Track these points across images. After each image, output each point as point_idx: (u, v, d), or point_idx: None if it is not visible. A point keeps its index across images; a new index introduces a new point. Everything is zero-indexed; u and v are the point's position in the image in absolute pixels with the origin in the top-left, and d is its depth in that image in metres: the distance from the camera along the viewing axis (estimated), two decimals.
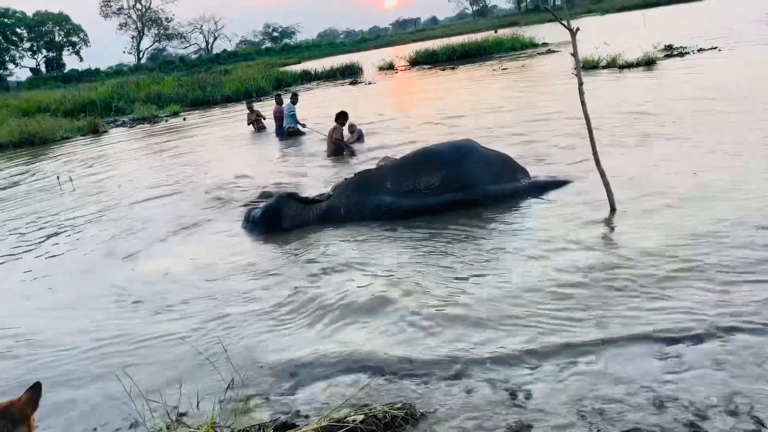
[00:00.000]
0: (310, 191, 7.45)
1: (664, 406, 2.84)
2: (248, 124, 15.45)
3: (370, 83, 25.47)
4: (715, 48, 16.74)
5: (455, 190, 6.10)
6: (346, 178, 7.01)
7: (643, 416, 2.80)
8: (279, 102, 14.22)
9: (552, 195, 6.21)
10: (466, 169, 6.17)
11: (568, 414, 2.89)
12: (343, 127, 10.58)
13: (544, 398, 3.03)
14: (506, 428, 2.85)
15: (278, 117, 13.90)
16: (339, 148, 10.22)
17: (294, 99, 13.83)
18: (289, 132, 13.31)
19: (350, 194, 6.44)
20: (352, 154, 10.06)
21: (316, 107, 17.62)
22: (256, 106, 17.08)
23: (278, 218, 6.41)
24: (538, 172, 6.87)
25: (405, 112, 14.45)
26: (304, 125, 13.36)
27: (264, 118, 15.41)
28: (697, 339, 3.33)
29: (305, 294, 4.73)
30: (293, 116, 13.42)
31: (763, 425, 2.65)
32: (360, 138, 11.20)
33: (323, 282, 4.92)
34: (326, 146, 10.59)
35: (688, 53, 16.83)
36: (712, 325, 3.44)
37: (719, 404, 2.81)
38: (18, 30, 69.86)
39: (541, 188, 6.39)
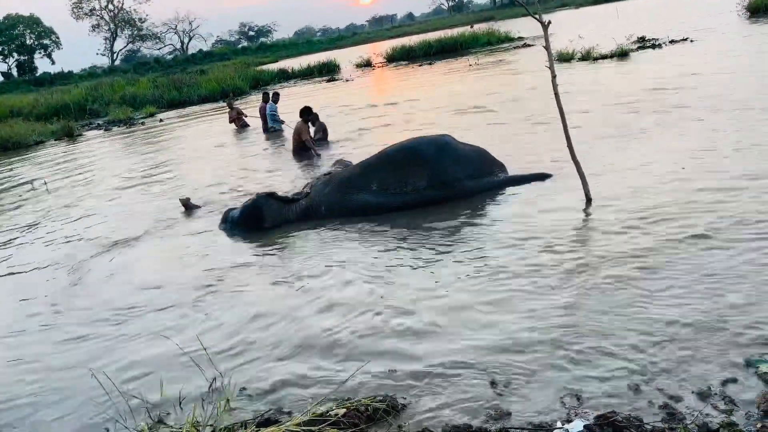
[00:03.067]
0: (276, 190, 7.44)
1: (640, 390, 2.91)
2: (230, 122, 15.33)
3: (347, 80, 25.43)
4: (686, 39, 17.01)
5: (434, 187, 6.14)
6: (318, 177, 7.05)
7: (619, 400, 2.86)
8: (265, 99, 14.08)
9: (528, 188, 6.28)
10: (445, 166, 6.21)
11: (546, 399, 2.95)
12: (308, 124, 10.31)
13: (523, 385, 3.08)
14: (487, 416, 2.90)
15: (264, 115, 13.84)
16: (303, 146, 10.03)
17: (275, 98, 13.74)
18: (272, 131, 13.30)
19: (330, 192, 6.47)
20: (317, 155, 9.76)
21: (294, 105, 17.54)
22: (236, 104, 16.97)
23: (259, 218, 6.40)
24: (514, 165, 6.93)
25: (381, 107, 14.46)
26: (283, 122, 13.30)
27: (245, 116, 15.31)
28: (671, 322, 3.41)
29: (291, 291, 4.75)
30: (273, 116, 13.37)
31: (735, 404, 2.72)
32: (324, 134, 10.91)
33: (308, 279, 4.94)
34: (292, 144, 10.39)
35: (661, 45, 17.08)
36: (684, 309, 3.53)
37: (692, 386, 2.87)
38: None
39: (517, 182, 6.45)
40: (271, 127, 13.34)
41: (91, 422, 3.40)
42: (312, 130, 10.66)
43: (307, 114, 10.32)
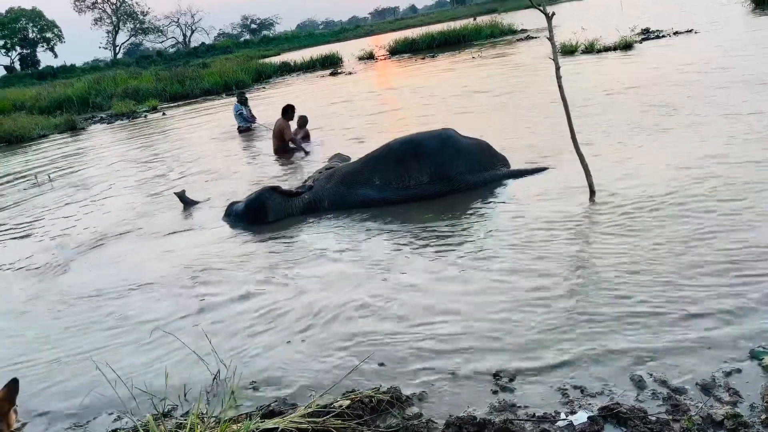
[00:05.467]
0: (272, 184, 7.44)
1: (643, 382, 2.91)
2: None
3: (350, 73, 25.36)
4: (690, 30, 16.93)
5: (436, 181, 6.14)
6: (319, 171, 7.08)
7: (622, 391, 2.87)
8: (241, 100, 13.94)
9: (531, 181, 6.26)
10: (447, 160, 6.21)
11: (550, 391, 2.95)
12: (291, 122, 10.07)
13: (526, 377, 3.09)
14: (490, 407, 2.90)
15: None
16: (284, 145, 9.85)
17: (241, 98, 13.65)
18: (240, 130, 13.22)
19: (333, 187, 6.49)
20: (306, 153, 9.57)
21: (293, 99, 17.51)
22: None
23: (262, 211, 6.41)
24: (517, 157, 6.92)
25: (383, 99, 14.44)
26: (254, 119, 13.24)
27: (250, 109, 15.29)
28: (676, 315, 3.41)
29: (292, 284, 4.76)
30: (240, 116, 13.29)
31: (739, 396, 2.72)
32: (306, 137, 10.61)
33: (310, 272, 4.95)
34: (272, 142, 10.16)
35: (665, 36, 17.00)
36: (688, 302, 3.52)
37: (696, 378, 2.87)
38: None
39: (519, 175, 6.45)
40: (239, 126, 13.31)
41: (95, 413, 3.42)
42: (294, 129, 10.30)
43: (290, 113, 10.07)
